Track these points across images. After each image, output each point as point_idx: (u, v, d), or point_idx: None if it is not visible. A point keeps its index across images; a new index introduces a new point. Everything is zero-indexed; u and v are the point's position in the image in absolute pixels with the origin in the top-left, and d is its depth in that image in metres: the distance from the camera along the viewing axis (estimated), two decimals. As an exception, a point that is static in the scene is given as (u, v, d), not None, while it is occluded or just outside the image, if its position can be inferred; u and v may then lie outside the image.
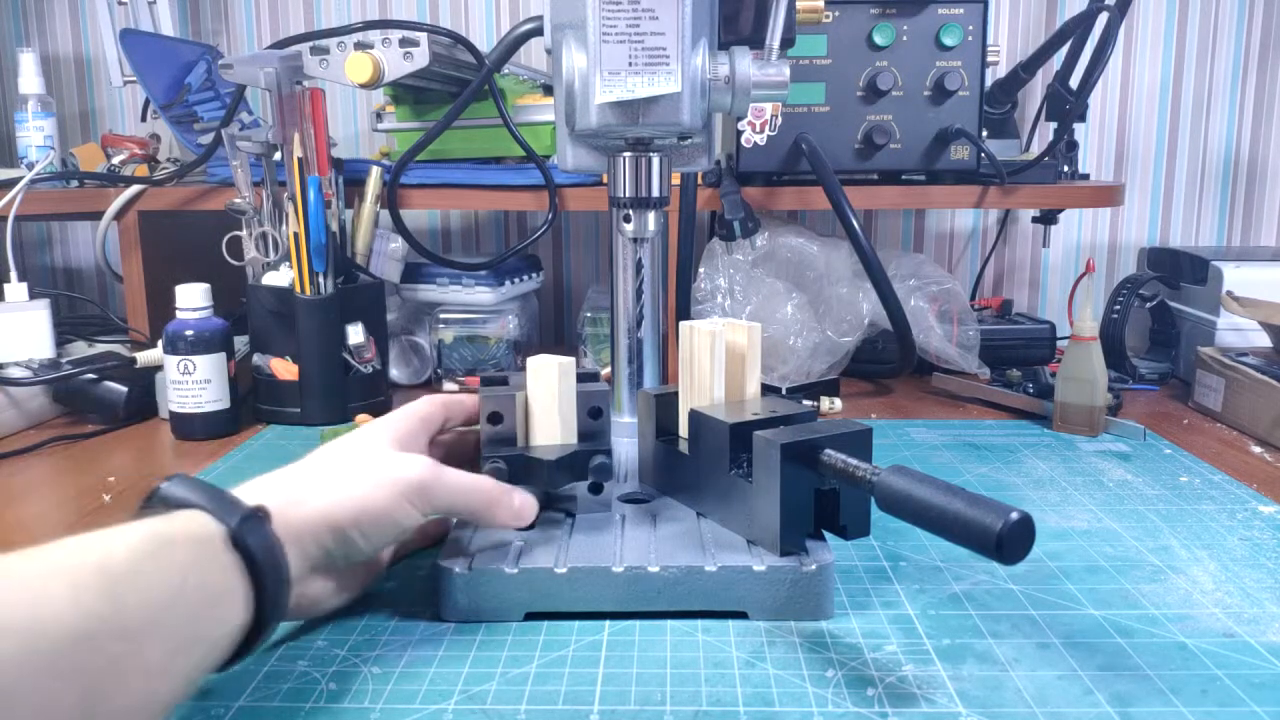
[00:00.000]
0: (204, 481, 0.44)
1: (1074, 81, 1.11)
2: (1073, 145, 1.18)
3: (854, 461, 0.51)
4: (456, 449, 0.61)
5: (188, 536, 0.40)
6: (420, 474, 0.51)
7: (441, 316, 1.09)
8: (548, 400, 0.58)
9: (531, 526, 0.58)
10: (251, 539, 0.42)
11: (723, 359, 0.61)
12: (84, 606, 0.33)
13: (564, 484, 0.58)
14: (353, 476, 0.50)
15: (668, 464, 0.63)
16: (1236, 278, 1.02)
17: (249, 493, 0.47)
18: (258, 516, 0.43)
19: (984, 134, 1.04)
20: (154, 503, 0.43)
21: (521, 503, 0.55)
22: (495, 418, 0.57)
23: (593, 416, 0.60)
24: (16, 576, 0.33)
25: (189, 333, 0.87)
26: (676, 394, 0.63)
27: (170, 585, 0.37)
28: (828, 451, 0.52)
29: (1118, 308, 1.07)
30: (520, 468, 0.56)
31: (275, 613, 0.44)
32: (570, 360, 0.58)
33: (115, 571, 0.35)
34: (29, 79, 1.22)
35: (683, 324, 0.62)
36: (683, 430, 0.62)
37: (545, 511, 0.59)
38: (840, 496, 0.53)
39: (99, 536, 0.37)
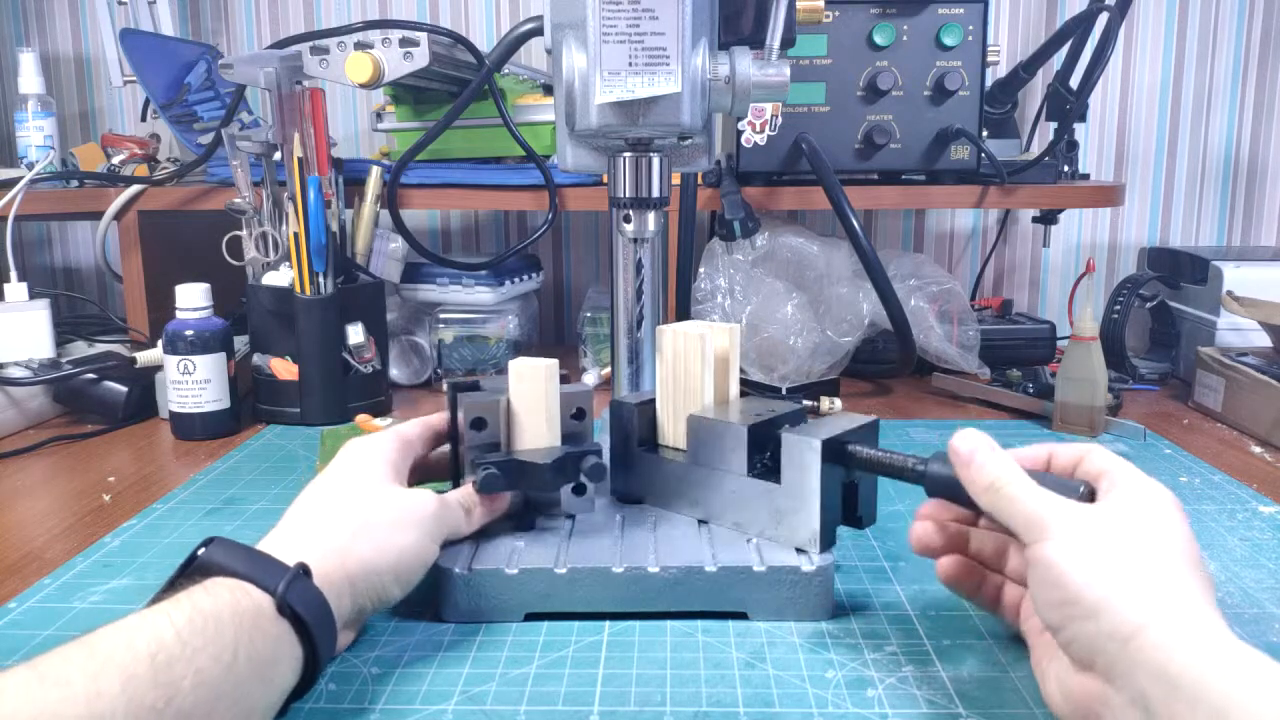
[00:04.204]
0: (242, 545, 0.44)
1: (1074, 81, 1.11)
2: (1073, 145, 1.18)
3: (896, 453, 0.52)
4: (429, 473, 0.61)
5: (235, 611, 0.40)
6: (433, 509, 0.52)
7: (441, 316, 1.09)
8: (534, 403, 0.58)
9: (531, 527, 0.58)
10: (299, 602, 0.42)
11: (712, 362, 0.60)
12: (137, 701, 0.34)
13: (559, 486, 0.58)
14: (380, 522, 0.49)
15: (657, 473, 0.62)
16: (1236, 278, 1.02)
17: (285, 545, 0.47)
18: (301, 576, 0.43)
19: (984, 134, 1.04)
20: (193, 570, 0.43)
21: (470, 504, 0.55)
22: (479, 423, 0.56)
23: (576, 418, 0.60)
24: (68, 677, 0.34)
25: (189, 333, 0.87)
26: (651, 401, 0.63)
27: (222, 663, 0.38)
28: (855, 445, 0.53)
29: (1118, 308, 1.07)
30: (513, 472, 0.56)
31: (325, 665, 0.44)
32: (554, 362, 0.58)
33: (166, 659, 0.36)
34: (29, 79, 1.22)
35: (660, 328, 0.61)
36: (669, 438, 0.62)
37: (538, 514, 0.59)
38: (859, 489, 0.55)
39: (148, 619, 0.37)
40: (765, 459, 0.56)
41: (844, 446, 0.53)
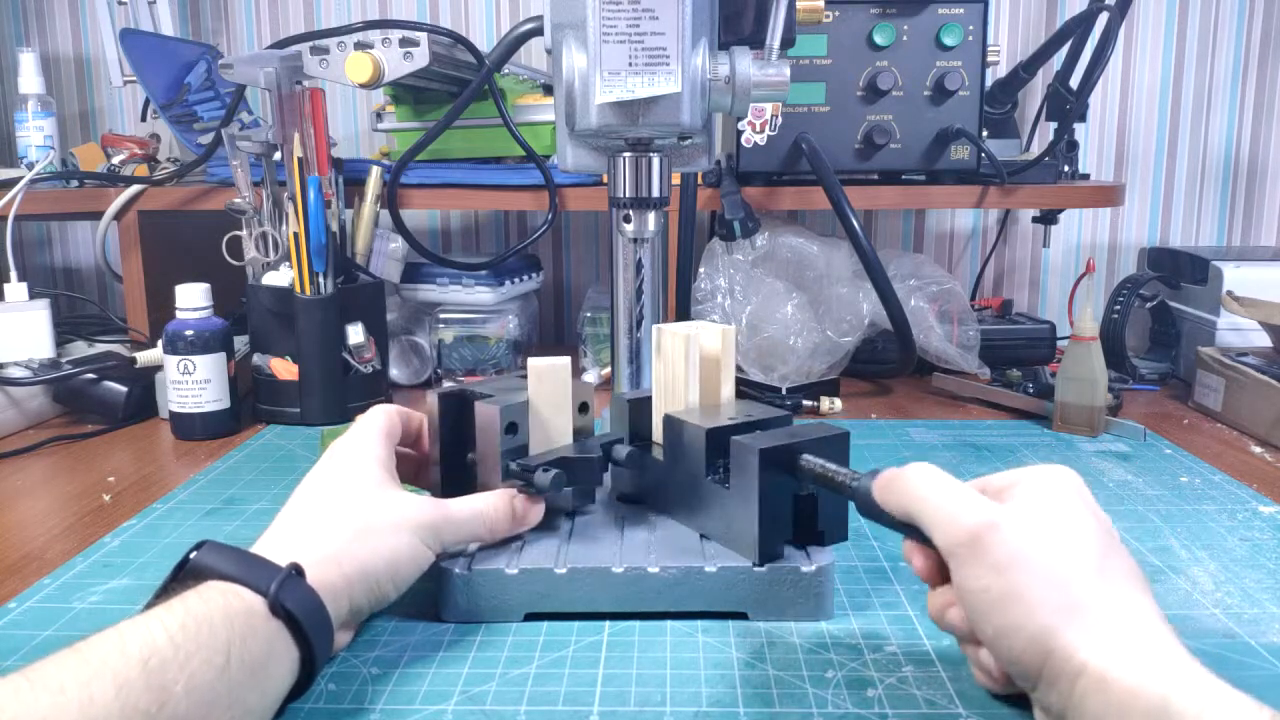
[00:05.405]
0: (233, 548, 0.44)
1: (1074, 81, 1.11)
2: (1073, 145, 1.18)
3: (833, 467, 0.50)
4: (409, 464, 0.61)
5: (226, 614, 0.40)
6: (431, 516, 0.51)
7: (441, 316, 1.09)
8: (557, 402, 0.58)
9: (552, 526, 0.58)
10: (291, 601, 0.42)
11: (698, 363, 0.60)
12: (130, 706, 0.34)
13: (602, 477, 0.58)
14: (378, 526, 0.49)
15: (648, 471, 0.62)
16: (1236, 278, 1.02)
17: (278, 547, 0.47)
18: (293, 576, 0.43)
19: (984, 134, 1.04)
20: (185, 574, 0.43)
21: (525, 508, 0.55)
22: (512, 428, 0.57)
23: (582, 411, 0.60)
24: (61, 683, 0.34)
25: (189, 333, 0.87)
26: (650, 399, 0.63)
27: (215, 666, 0.38)
28: (806, 456, 0.51)
29: (1118, 308, 1.07)
30: (565, 469, 0.55)
31: (322, 663, 0.44)
32: (569, 360, 0.58)
33: (159, 664, 0.36)
34: (29, 79, 1.22)
35: (655, 327, 0.61)
36: (656, 436, 0.61)
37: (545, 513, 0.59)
38: (818, 502, 0.53)
39: (141, 624, 0.37)
40: (726, 463, 0.55)
41: (792, 455, 0.52)
